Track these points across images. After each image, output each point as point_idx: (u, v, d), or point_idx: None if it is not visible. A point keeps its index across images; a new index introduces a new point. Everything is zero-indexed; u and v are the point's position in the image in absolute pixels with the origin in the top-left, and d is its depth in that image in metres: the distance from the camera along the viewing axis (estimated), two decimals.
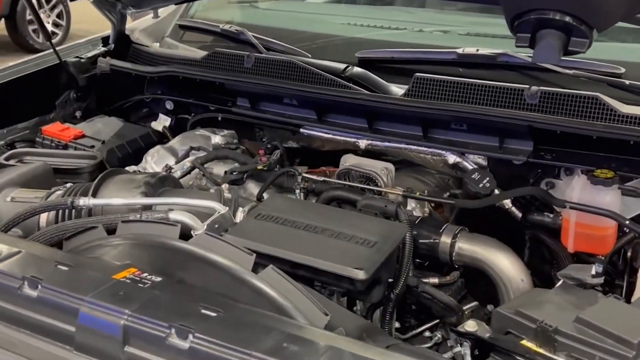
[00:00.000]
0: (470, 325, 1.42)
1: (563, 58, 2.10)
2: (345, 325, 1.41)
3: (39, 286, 1.35)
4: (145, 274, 1.42)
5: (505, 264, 1.85)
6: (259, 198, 2.02)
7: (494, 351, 1.38)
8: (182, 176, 2.06)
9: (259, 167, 2.04)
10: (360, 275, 1.49)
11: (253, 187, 2.10)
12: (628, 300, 1.76)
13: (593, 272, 1.45)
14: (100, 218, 1.67)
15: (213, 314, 1.26)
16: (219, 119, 2.43)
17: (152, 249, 1.53)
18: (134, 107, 2.73)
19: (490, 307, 1.96)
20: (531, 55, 2.08)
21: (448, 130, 2.02)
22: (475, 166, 2.01)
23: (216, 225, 1.67)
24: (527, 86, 1.93)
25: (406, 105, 2.00)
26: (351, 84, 2.13)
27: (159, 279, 1.41)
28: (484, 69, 2.20)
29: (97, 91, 2.74)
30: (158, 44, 2.85)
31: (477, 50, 2.19)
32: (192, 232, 1.60)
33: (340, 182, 1.99)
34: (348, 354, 1.16)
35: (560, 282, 1.48)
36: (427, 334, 1.85)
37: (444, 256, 1.88)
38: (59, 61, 2.64)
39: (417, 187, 2.10)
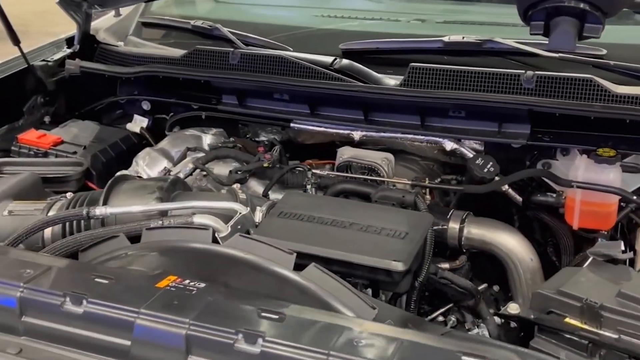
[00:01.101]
0: (513, 308, 1.46)
1: (545, 41, 2.20)
2: (389, 317, 1.43)
3: (84, 302, 1.31)
4: (187, 281, 1.40)
5: (514, 245, 1.92)
6: (265, 196, 2.00)
7: (539, 331, 1.42)
8: (185, 178, 2.02)
9: (265, 164, 2.02)
10: (399, 267, 1.50)
11: (256, 185, 2.08)
12: None
13: (621, 248, 1.52)
14: (121, 227, 1.62)
15: (275, 316, 1.26)
16: (203, 117, 2.39)
17: (186, 254, 1.50)
18: (106, 110, 2.65)
19: (496, 287, 2.02)
20: (518, 40, 2.18)
21: (446, 117, 2.06)
22: (473, 152, 2.05)
23: (239, 227, 1.65)
24: (523, 71, 1.98)
25: (406, 95, 2.02)
26: (344, 77, 2.13)
27: (202, 285, 1.39)
28: (469, 56, 2.24)
29: (65, 95, 2.65)
30: (122, 43, 2.77)
31: (463, 37, 2.23)
32: (216, 235, 1.58)
33: (352, 175, 2.00)
34: (421, 346, 1.18)
35: (590, 260, 1.53)
36: (441, 318, 1.90)
37: (452, 242, 1.92)
38: (26, 66, 2.53)
39: (405, 174, 2.14)
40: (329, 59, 2.25)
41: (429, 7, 2.70)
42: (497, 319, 1.89)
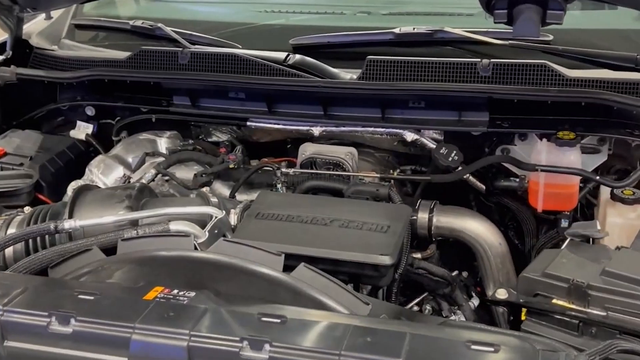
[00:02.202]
0: (501, 293, 1.48)
1: (495, 30, 2.24)
2: (382, 312, 1.43)
3: (72, 320, 1.25)
4: (175, 291, 1.36)
5: (483, 231, 1.95)
6: (232, 197, 1.96)
7: (528, 314, 1.45)
8: (148, 184, 1.95)
9: (231, 166, 1.98)
10: (387, 260, 1.51)
11: (220, 187, 2.03)
12: None
13: (598, 227, 1.56)
14: (94, 239, 1.55)
15: (277, 321, 1.23)
16: (153, 120, 2.32)
17: (169, 264, 1.45)
18: (46, 117, 2.54)
19: (465, 273, 2.05)
20: (468, 30, 2.21)
21: (406, 109, 2.06)
22: (434, 142, 2.07)
23: (216, 231, 1.61)
24: (479, 60, 2.01)
25: (366, 89, 2.02)
26: (300, 72, 2.11)
27: (192, 293, 1.35)
28: (420, 46, 2.26)
29: (1, 103, 2.52)
30: (56, 46, 2.66)
31: (414, 28, 2.25)
32: (195, 241, 1.54)
33: (326, 172, 1.98)
34: (430, 339, 1.18)
35: (567, 241, 1.57)
36: (415, 308, 1.91)
37: (422, 231, 1.94)
38: None
39: (362, 167, 2.15)
40: (281, 55, 2.22)
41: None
42: (471, 304, 1.93)
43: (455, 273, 1.95)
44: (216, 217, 1.61)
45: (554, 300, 1.43)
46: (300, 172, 2.02)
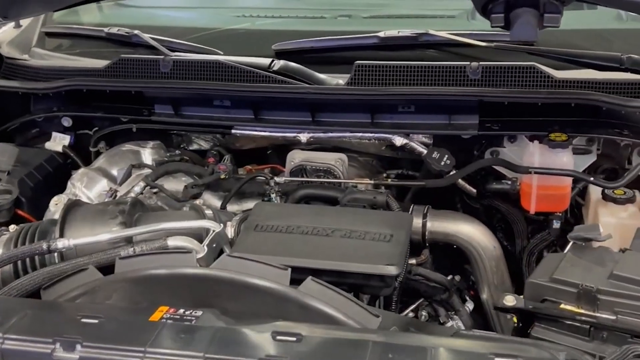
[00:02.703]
0: (509, 300, 1.47)
1: (479, 32, 2.24)
2: (391, 324, 1.41)
3: (78, 346, 1.20)
4: (181, 311, 1.32)
5: (477, 234, 1.95)
6: (224, 208, 1.92)
7: (537, 320, 1.44)
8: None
9: (222, 176, 1.93)
10: (394, 270, 1.49)
11: (210, 198, 1.99)
12: None
13: (600, 230, 1.56)
14: (89, 258, 1.50)
15: (292, 339, 1.20)
16: (134, 130, 2.26)
17: (173, 281, 1.40)
18: (20, 129, 2.45)
19: (457, 277, 2.04)
20: (452, 32, 2.21)
21: (395, 113, 2.05)
22: (423, 146, 2.06)
23: (214, 245, 1.57)
24: (468, 63, 2.00)
25: (356, 94, 1.99)
26: (287, 79, 2.08)
27: (200, 312, 1.31)
28: (405, 50, 2.25)
29: None
30: (27, 55, 2.58)
31: (398, 32, 2.23)
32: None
33: (318, 179, 1.95)
34: (454, 352, 1.16)
35: (570, 244, 1.57)
36: (411, 314, 1.90)
37: (416, 237, 1.92)
38: None
39: (348, 171, 2.12)
40: (266, 61, 2.19)
41: (350, 2, 2.68)
42: (468, 309, 1.92)
43: (450, 278, 1.94)
44: (214, 231, 1.57)
45: (562, 306, 1.43)
46: (295, 180, 1.98)
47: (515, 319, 1.71)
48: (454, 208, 2.15)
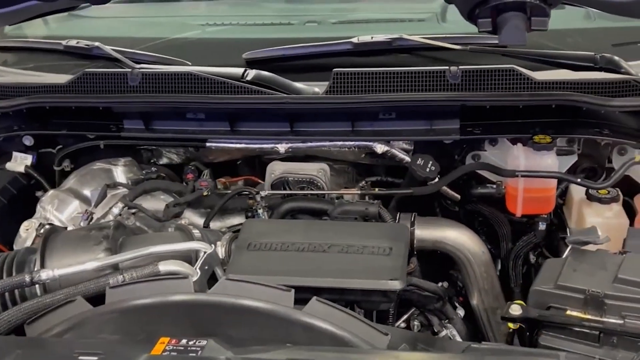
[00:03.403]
0: (515, 309, 1.45)
1: (453, 35, 2.23)
2: (399, 341, 1.37)
3: None
4: (184, 341, 1.25)
5: (465, 240, 1.92)
6: (207, 226, 1.85)
7: (544, 328, 1.43)
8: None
9: (205, 193, 1.86)
10: (397, 285, 1.45)
11: (191, 216, 1.91)
12: None
13: (599, 233, 1.56)
14: (75, 288, 1.41)
15: None
16: (101, 146, 2.16)
17: (171, 310, 1.33)
18: None
19: (445, 284, 2.02)
20: (426, 36, 2.19)
21: (375, 120, 2.01)
22: (404, 152, 2.03)
23: (206, 267, 1.50)
24: (448, 67, 1.98)
25: (336, 102, 1.95)
26: (264, 89, 2.02)
27: (204, 341, 1.24)
28: (379, 55, 2.22)
29: None
30: None
31: (372, 37, 2.20)
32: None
33: (300, 192, 1.90)
34: None
35: (569, 249, 1.56)
36: (403, 325, 1.86)
37: None
38: None
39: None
40: (238, 71, 2.13)
41: (315, 8, 2.64)
42: (459, 315, 1.90)
43: (440, 285, 1.91)
44: (205, 253, 1.50)
45: (568, 312, 1.41)
46: (280, 193, 1.92)
47: (511, 325, 1.70)
48: (433, 213, 2.13)
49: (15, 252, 1.62)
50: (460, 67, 1.98)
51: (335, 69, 2.00)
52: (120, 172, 2.06)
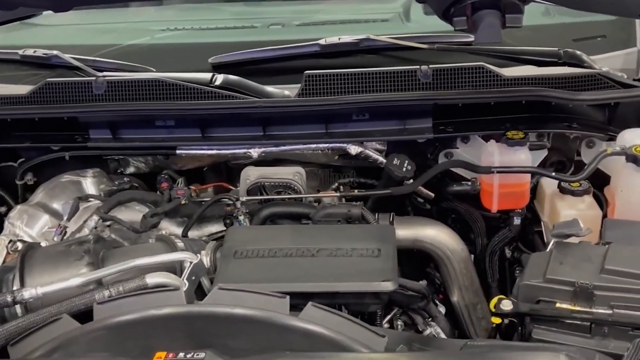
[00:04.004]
0: (506, 305, 1.46)
1: (418, 34, 2.24)
2: (394, 342, 1.36)
3: None
4: (182, 355, 1.22)
5: (444, 238, 1.94)
6: (185, 235, 1.81)
7: (535, 321, 1.44)
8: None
9: (183, 202, 1.82)
10: (390, 286, 1.44)
11: (168, 225, 1.87)
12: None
13: (581, 225, 1.58)
14: (59, 306, 1.36)
15: None
16: (66, 158, 2.10)
17: (164, 323, 1.30)
18: None
19: (424, 282, 2.02)
20: (393, 36, 2.20)
21: (349, 122, 2.01)
22: (377, 153, 2.03)
23: (193, 277, 1.47)
24: (418, 66, 1.99)
25: (312, 105, 1.93)
26: (235, 93, 1.99)
27: (202, 354, 1.22)
28: (347, 56, 2.22)
29: None
30: None
31: (339, 38, 2.20)
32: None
33: (281, 197, 1.87)
34: None
35: (552, 242, 1.58)
36: (386, 325, 1.86)
37: None
38: None
39: None
40: (205, 76, 2.09)
41: (276, 10, 2.62)
42: (442, 312, 1.91)
43: (422, 283, 1.92)
44: (192, 263, 1.47)
45: (558, 305, 1.43)
46: (259, 199, 1.89)
47: (495, 320, 1.72)
48: (406, 212, 2.13)
49: None
50: (431, 66, 1.99)
51: (306, 71, 1.99)
52: (89, 184, 2.00)
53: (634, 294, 1.39)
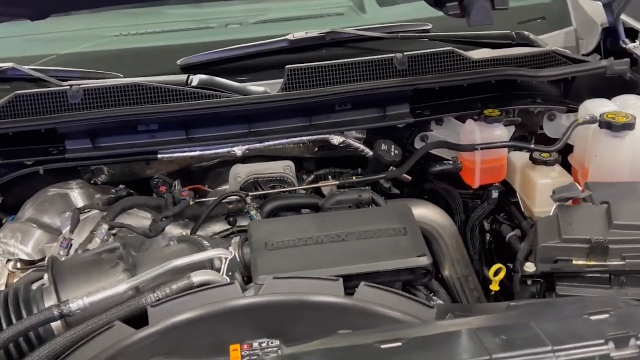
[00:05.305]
0: (529, 267, 1.56)
1: (381, 25, 2.33)
2: (443, 312, 1.43)
3: None
4: (255, 344, 1.24)
5: (435, 216, 2.03)
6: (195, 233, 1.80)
7: (557, 279, 1.55)
8: (102, 241, 1.71)
9: (191, 202, 1.80)
10: (426, 260, 1.51)
11: (171, 228, 1.84)
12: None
13: (579, 188, 1.71)
14: (108, 314, 1.33)
15: (397, 344, 1.18)
16: (41, 172, 2.01)
17: (229, 317, 1.30)
18: None
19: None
20: (358, 28, 2.27)
21: (332, 112, 2.05)
22: (358, 142, 2.09)
23: (230, 273, 1.48)
24: (394, 54, 2.06)
25: (297, 98, 1.96)
26: (218, 93, 1.99)
27: (277, 341, 1.24)
28: (314, 50, 2.27)
29: None
30: None
31: (306, 33, 2.24)
32: None
33: (285, 189, 1.90)
34: (550, 319, 1.22)
35: (554, 206, 1.69)
36: None
37: None
38: None
39: None
40: (180, 78, 2.09)
41: (229, 10, 2.62)
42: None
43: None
44: (227, 259, 1.48)
45: (574, 262, 1.55)
46: (272, 193, 1.91)
47: (494, 287, 1.83)
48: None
49: (7, 290, 1.48)
50: (405, 53, 2.07)
51: (288, 66, 2.02)
52: (77, 195, 1.94)
53: None
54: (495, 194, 2.12)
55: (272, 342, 1.23)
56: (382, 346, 1.17)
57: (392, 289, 1.37)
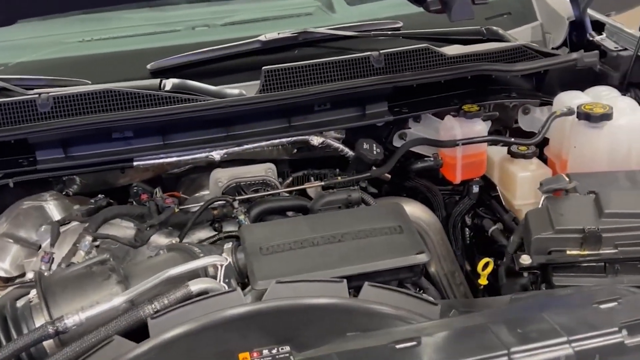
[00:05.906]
0: (525, 260, 1.56)
1: (352, 24, 2.32)
2: (446, 308, 1.42)
3: None
4: (265, 351, 1.20)
5: (421, 213, 2.03)
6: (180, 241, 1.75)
7: (553, 270, 1.56)
8: (87, 253, 1.64)
9: (176, 210, 1.75)
10: (425, 257, 1.50)
11: (155, 236, 1.78)
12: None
13: (566, 179, 1.72)
14: (107, 328, 1.28)
15: (413, 343, 1.16)
16: (11, 185, 1.93)
17: (235, 324, 1.26)
18: None
19: None
20: (330, 27, 2.25)
21: (311, 113, 2.02)
22: (338, 142, 2.07)
23: (226, 280, 1.44)
24: (370, 53, 2.05)
25: (277, 99, 1.93)
26: (195, 97, 1.94)
27: (287, 347, 1.21)
28: (286, 50, 2.24)
29: None
30: None
31: (278, 33, 2.21)
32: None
33: (271, 192, 1.86)
34: (560, 308, 1.22)
35: (543, 197, 1.70)
36: None
37: None
38: None
39: None
40: (152, 82, 2.03)
41: (193, 13, 2.57)
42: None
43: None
44: (222, 266, 1.44)
45: (568, 252, 1.56)
46: (259, 196, 1.86)
47: (482, 281, 1.83)
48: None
49: (4, 301, 1.41)
50: (381, 51, 2.06)
51: (265, 67, 1.98)
52: (53, 207, 1.86)
53: (636, 231, 1.54)
54: (476, 189, 2.12)
55: (282, 349, 1.20)
56: (398, 346, 1.15)
57: (396, 288, 1.35)
